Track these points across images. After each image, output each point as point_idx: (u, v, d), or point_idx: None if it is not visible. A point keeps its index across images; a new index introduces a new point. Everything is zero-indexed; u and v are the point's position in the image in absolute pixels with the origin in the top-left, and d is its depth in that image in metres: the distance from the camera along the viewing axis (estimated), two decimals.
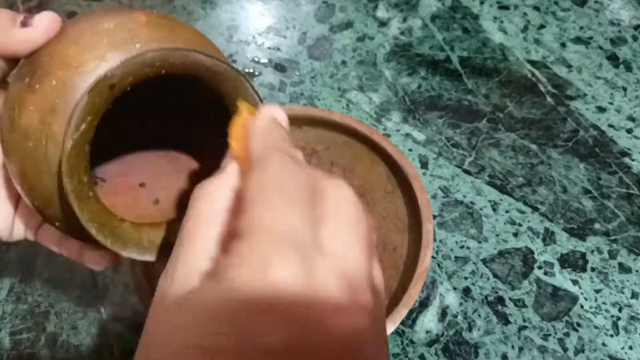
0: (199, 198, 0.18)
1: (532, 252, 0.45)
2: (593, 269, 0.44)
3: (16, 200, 0.26)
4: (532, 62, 0.57)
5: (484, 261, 0.45)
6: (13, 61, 0.22)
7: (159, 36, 0.22)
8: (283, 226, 0.16)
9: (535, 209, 0.47)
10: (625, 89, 0.55)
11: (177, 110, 0.29)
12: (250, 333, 0.15)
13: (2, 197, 0.25)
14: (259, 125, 0.20)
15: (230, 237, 0.16)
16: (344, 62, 0.58)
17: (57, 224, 0.23)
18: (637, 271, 0.44)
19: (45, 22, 0.21)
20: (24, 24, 0.21)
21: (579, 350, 0.41)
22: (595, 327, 0.42)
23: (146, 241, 0.23)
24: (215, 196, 0.18)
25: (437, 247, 0.46)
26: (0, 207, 0.25)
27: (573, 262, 0.45)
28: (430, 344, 0.41)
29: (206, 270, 0.17)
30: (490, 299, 0.43)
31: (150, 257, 0.23)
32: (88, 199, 0.21)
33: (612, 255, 0.45)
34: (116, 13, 0.22)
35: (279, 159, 0.18)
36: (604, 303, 0.43)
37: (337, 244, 0.17)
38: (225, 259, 0.16)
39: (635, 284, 0.43)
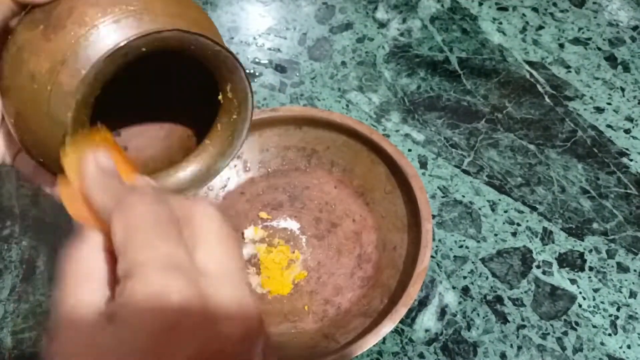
0: (71, 263, 0.19)
1: (530, 251, 0.45)
2: (591, 269, 0.44)
3: None
4: (531, 63, 0.57)
5: (483, 260, 0.45)
6: (24, 6, 0.23)
7: (171, 11, 0.24)
8: (160, 257, 0.17)
9: (533, 208, 0.48)
10: (623, 90, 0.55)
11: (161, 80, 0.32)
12: (164, 355, 0.16)
13: None
14: (91, 180, 0.21)
15: (117, 284, 0.18)
16: (343, 63, 0.58)
17: (40, 159, 0.24)
18: (635, 270, 0.44)
19: None
20: None
21: (577, 349, 0.41)
22: (594, 326, 0.42)
23: None
24: (85, 256, 0.19)
25: (436, 246, 0.46)
26: None
27: (571, 262, 0.45)
28: (429, 342, 0.41)
29: (103, 313, 0.18)
30: (489, 298, 0.43)
31: None
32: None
33: (610, 254, 0.45)
34: None
35: (130, 203, 0.19)
36: (602, 302, 0.43)
37: (212, 263, 0.19)
38: (118, 301, 0.17)
39: (633, 283, 0.44)
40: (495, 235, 0.46)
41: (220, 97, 0.27)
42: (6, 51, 0.23)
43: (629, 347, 0.41)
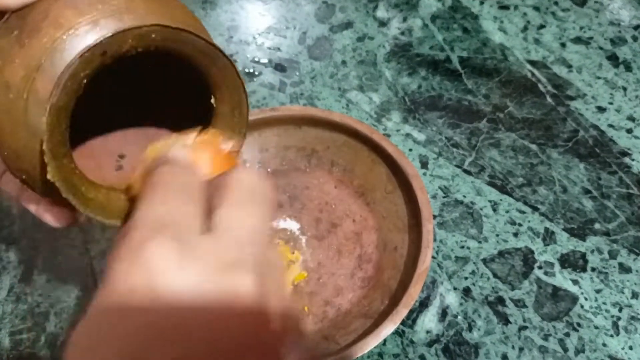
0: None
1: (532, 252, 0.45)
2: (593, 269, 0.44)
3: None
4: (532, 62, 0.57)
5: (484, 261, 0.45)
6: (1, 14, 0.22)
7: (154, 10, 0.22)
8: (160, 215, 0.18)
9: (535, 209, 0.47)
10: (625, 89, 0.55)
11: (156, 85, 0.30)
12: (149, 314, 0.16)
13: None
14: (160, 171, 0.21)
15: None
16: (344, 62, 0.58)
17: (23, 176, 0.23)
18: (637, 271, 0.44)
19: None
20: None
21: (579, 351, 0.41)
22: (596, 327, 0.42)
23: (115, 206, 0.24)
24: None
25: (437, 247, 0.46)
26: None
27: (573, 262, 0.45)
28: (430, 344, 0.41)
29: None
30: (491, 299, 0.43)
31: (115, 222, 0.24)
32: (63, 157, 0.21)
33: (612, 255, 0.45)
34: None
35: (164, 168, 0.20)
36: (604, 303, 0.43)
37: (227, 221, 0.19)
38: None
39: (635, 284, 0.43)
40: (497, 235, 0.46)
41: (212, 100, 0.26)
42: None
43: (631, 348, 0.41)
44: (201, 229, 0.18)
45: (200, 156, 0.23)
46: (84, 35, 0.21)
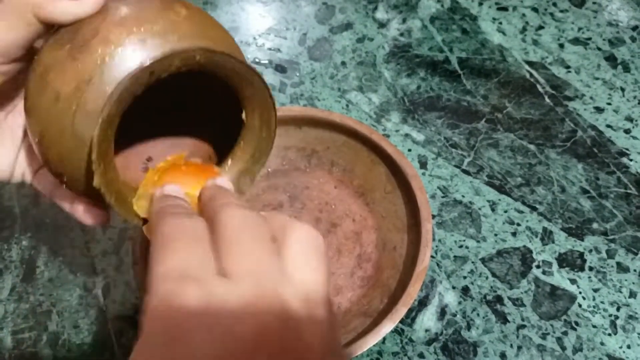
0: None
1: (530, 251, 0.45)
2: (591, 269, 0.44)
3: (18, 145, 0.27)
4: (531, 63, 0.57)
5: (483, 260, 0.45)
6: (50, 27, 0.23)
7: (196, 31, 0.24)
8: (176, 266, 0.18)
9: (533, 208, 0.48)
10: (623, 90, 0.55)
11: (188, 95, 0.32)
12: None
13: (7, 142, 0.26)
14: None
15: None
16: (343, 63, 0.58)
17: (64, 178, 0.24)
18: (635, 270, 0.44)
19: None
20: None
21: (577, 349, 0.41)
22: (594, 326, 0.42)
23: (144, 207, 0.26)
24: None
25: (436, 246, 0.46)
26: (5, 150, 0.26)
27: (571, 262, 0.45)
28: (429, 342, 0.41)
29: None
30: (489, 298, 0.43)
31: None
32: (107, 166, 0.23)
33: (610, 254, 0.45)
34: (159, 1, 0.24)
35: (170, 219, 0.21)
36: (602, 302, 0.43)
37: (299, 273, 0.19)
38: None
39: (633, 283, 0.44)
40: (495, 235, 0.46)
41: (243, 115, 0.27)
42: (32, 71, 0.23)
43: (628, 347, 0.41)
44: (217, 271, 0.18)
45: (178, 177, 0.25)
46: (132, 54, 0.22)
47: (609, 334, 0.41)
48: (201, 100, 0.31)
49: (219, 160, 0.31)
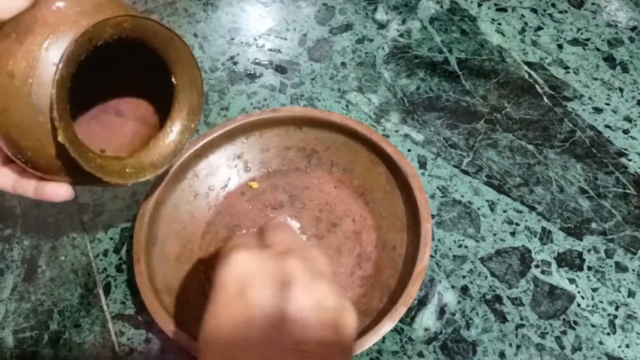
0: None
1: (529, 251, 0.46)
2: (590, 268, 0.45)
3: None
4: (530, 64, 0.57)
5: (482, 260, 0.45)
6: None
7: (118, 9, 0.29)
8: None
9: (532, 208, 0.48)
10: (621, 90, 0.55)
11: (130, 73, 0.39)
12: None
13: None
14: None
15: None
16: (343, 64, 0.58)
17: (29, 154, 0.28)
18: (633, 270, 0.44)
19: None
20: None
21: (576, 349, 0.41)
22: (592, 326, 0.42)
23: (111, 168, 0.31)
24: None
25: (436, 246, 0.46)
26: None
27: (570, 261, 0.45)
28: (428, 341, 0.42)
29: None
30: (488, 297, 0.43)
31: (111, 180, 0.31)
32: (67, 123, 0.27)
33: (609, 254, 0.45)
34: None
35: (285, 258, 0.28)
36: (600, 302, 0.43)
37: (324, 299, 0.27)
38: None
39: (631, 282, 0.44)
40: (494, 235, 0.47)
41: (173, 79, 0.33)
42: None
43: (627, 346, 0.41)
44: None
45: None
46: (68, 31, 0.26)
47: (608, 334, 0.42)
48: (141, 71, 0.37)
49: (161, 123, 0.36)
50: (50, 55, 0.26)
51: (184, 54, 0.31)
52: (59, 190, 0.30)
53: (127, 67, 0.37)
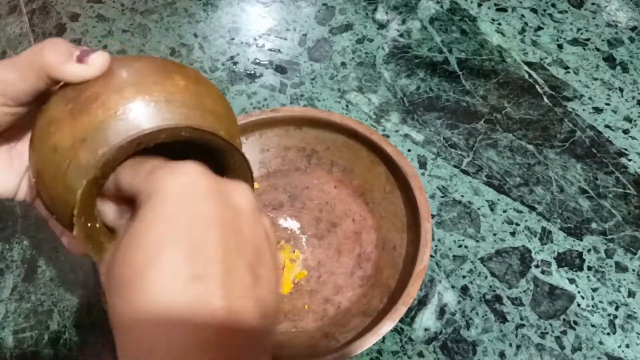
0: None
1: (529, 251, 0.46)
2: (590, 268, 0.45)
3: (24, 170, 0.30)
4: (530, 64, 0.57)
5: (482, 260, 0.45)
6: (58, 81, 0.25)
7: (191, 103, 0.26)
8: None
9: (532, 208, 0.48)
10: (621, 90, 0.55)
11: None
12: None
13: (16, 165, 0.29)
14: None
15: None
16: (343, 64, 0.58)
17: (54, 215, 0.27)
18: (633, 270, 0.44)
19: (100, 63, 0.24)
20: (80, 60, 0.24)
21: (576, 349, 0.41)
22: (592, 326, 0.42)
23: None
24: None
25: (436, 246, 0.46)
26: (13, 174, 0.29)
27: (570, 261, 0.45)
28: (428, 341, 0.42)
29: None
30: (488, 297, 0.43)
31: None
32: (89, 218, 0.25)
33: (609, 254, 0.45)
34: (160, 71, 0.25)
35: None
36: (600, 302, 0.43)
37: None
38: None
39: (631, 282, 0.44)
40: (494, 235, 0.47)
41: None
42: (40, 117, 0.25)
43: (627, 346, 0.41)
44: None
45: None
46: (125, 122, 0.24)
47: (608, 334, 0.42)
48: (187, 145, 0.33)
49: None
50: (96, 144, 0.24)
51: (241, 167, 0.28)
52: (76, 248, 0.30)
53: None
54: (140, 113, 0.24)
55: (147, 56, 0.27)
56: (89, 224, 0.25)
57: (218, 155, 0.27)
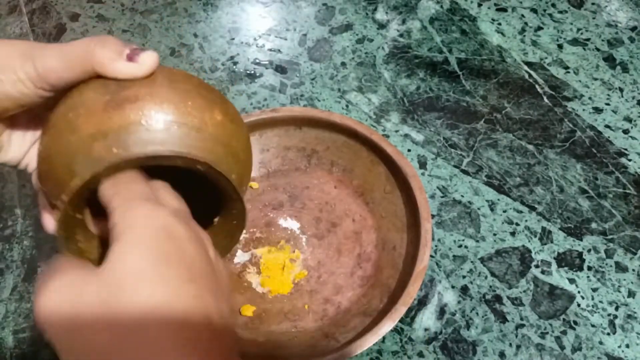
0: None
1: (529, 251, 0.46)
2: (590, 268, 0.45)
3: (33, 141, 0.30)
4: (530, 64, 0.57)
5: (482, 260, 0.45)
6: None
7: (218, 140, 0.25)
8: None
9: (532, 208, 0.48)
10: (621, 90, 0.55)
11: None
12: None
13: (29, 135, 0.29)
14: None
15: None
16: (343, 64, 0.58)
17: (44, 189, 0.26)
18: (633, 270, 0.44)
19: (150, 62, 0.24)
20: (130, 58, 0.24)
21: (576, 349, 0.41)
22: (592, 326, 0.42)
23: (91, 252, 0.27)
24: None
25: (436, 246, 0.46)
26: (25, 142, 0.29)
27: (570, 261, 0.45)
28: (428, 341, 0.42)
29: None
30: (488, 297, 0.43)
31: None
32: (73, 221, 0.25)
33: (609, 254, 0.45)
34: (205, 99, 0.25)
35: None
36: (600, 302, 0.43)
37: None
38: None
39: (631, 282, 0.44)
40: (494, 235, 0.47)
41: (215, 220, 0.29)
42: (72, 93, 0.25)
43: (627, 346, 0.41)
44: None
45: None
46: (151, 134, 0.23)
47: (608, 334, 0.42)
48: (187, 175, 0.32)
49: None
50: (114, 143, 0.23)
51: (238, 216, 0.28)
52: (49, 225, 0.30)
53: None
54: (168, 132, 0.24)
55: (197, 78, 0.26)
56: (70, 213, 0.25)
57: (220, 193, 0.27)
